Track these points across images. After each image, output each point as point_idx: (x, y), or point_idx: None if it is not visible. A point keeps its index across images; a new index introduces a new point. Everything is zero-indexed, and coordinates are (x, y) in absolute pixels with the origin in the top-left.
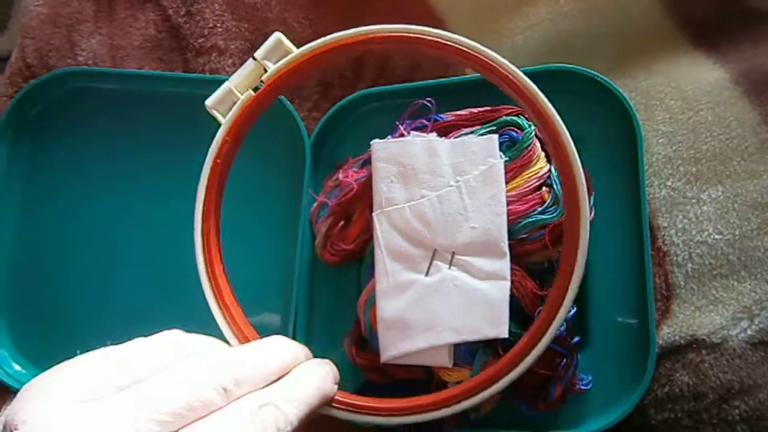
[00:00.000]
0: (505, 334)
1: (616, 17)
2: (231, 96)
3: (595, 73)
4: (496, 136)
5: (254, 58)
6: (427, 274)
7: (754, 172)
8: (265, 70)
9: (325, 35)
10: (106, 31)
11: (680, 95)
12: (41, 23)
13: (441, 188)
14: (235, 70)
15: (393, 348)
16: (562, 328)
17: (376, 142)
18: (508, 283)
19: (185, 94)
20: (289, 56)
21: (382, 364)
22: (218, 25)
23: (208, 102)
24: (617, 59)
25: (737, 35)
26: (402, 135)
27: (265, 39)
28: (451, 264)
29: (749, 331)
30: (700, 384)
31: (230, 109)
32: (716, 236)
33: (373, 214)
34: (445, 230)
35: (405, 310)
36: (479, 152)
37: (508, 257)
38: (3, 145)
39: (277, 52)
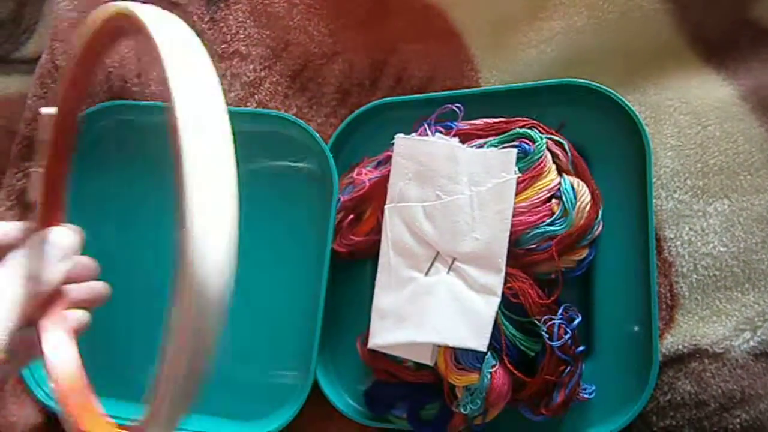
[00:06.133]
0: (484, 349)
1: (627, 33)
2: None
3: (606, 88)
4: (515, 151)
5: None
6: (426, 273)
7: (760, 187)
8: None
9: (344, 43)
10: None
11: (689, 110)
12: (70, 26)
13: (455, 194)
14: (256, 76)
15: (381, 337)
16: (567, 336)
17: (399, 137)
18: (498, 300)
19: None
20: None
21: (391, 366)
22: (240, 31)
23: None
24: (628, 74)
25: (747, 53)
26: (424, 134)
27: (286, 47)
28: (450, 269)
29: (752, 342)
30: (702, 393)
31: None
32: (721, 249)
33: (386, 207)
34: (450, 236)
35: (400, 305)
36: (496, 165)
37: (503, 274)
38: None
39: None
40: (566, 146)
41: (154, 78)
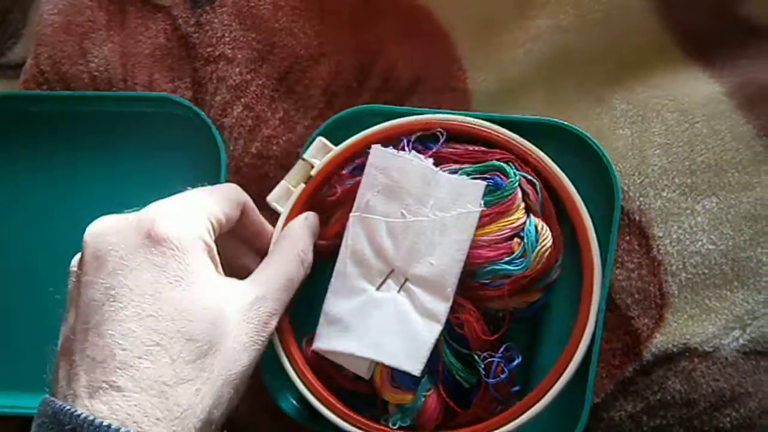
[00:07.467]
0: (418, 373)
1: (614, 31)
2: (287, 191)
3: (580, 129)
4: (484, 184)
5: (303, 159)
6: (378, 288)
7: (747, 184)
8: (312, 166)
9: (330, 45)
10: (117, 39)
11: (676, 108)
12: (55, 31)
13: (419, 215)
14: (242, 79)
15: (325, 342)
16: (504, 376)
17: (375, 148)
18: (440, 327)
19: (125, 113)
20: (331, 153)
21: (331, 371)
22: (226, 34)
23: (269, 197)
24: (615, 72)
25: (733, 50)
26: (402, 149)
27: (272, 49)
28: (400, 288)
29: (741, 341)
30: (692, 392)
31: (287, 200)
32: (710, 246)
33: (351, 215)
34: (407, 256)
35: (347, 314)
36: (464, 195)
37: (450, 303)
38: None
39: (322, 151)
40: (538, 187)
41: (140, 82)
